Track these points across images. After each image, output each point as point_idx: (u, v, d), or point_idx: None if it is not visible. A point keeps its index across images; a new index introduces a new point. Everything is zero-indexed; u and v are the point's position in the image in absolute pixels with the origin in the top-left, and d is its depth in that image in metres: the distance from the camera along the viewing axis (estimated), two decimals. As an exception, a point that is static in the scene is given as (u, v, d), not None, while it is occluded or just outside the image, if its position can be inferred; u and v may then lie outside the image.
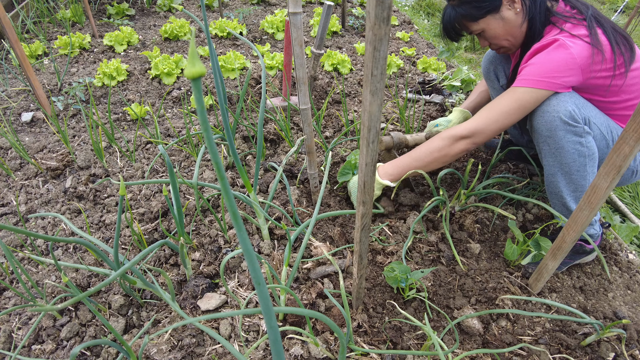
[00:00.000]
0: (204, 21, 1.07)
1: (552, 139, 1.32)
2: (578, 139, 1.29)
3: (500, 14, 1.41)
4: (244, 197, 1.28)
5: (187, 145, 2.01)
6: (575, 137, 1.29)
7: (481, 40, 1.55)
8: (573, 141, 1.29)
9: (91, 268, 1.14)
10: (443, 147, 1.44)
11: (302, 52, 1.21)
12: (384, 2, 0.55)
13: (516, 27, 1.43)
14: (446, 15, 1.50)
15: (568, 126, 1.28)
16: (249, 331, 1.19)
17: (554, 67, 1.28)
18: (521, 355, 1.20)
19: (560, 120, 1.27)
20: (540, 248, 1.40)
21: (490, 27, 1.45)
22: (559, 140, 1.31)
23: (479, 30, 1.48)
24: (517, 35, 1.46)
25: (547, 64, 1.29)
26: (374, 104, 0.66)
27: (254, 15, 3.87)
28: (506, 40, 1.48)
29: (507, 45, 1.50)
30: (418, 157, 1.49)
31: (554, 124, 1.29)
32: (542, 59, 1.30)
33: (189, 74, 0.32)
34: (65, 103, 2.37)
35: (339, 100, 2.55)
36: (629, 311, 1.43)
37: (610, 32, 1.31)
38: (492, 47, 1.55)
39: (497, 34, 1.46)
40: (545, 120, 1.31)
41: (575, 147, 1.30)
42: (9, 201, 1.75)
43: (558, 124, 1.28)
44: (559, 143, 1.31)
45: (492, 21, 1.43)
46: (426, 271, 1.25)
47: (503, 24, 1.43)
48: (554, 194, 1.42)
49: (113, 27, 3.48)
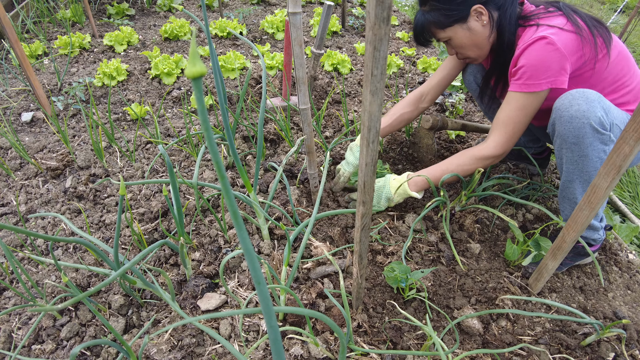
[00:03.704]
0: (204, 21, 1.07)
1: (578, 146, 1.25)
2: (603, 147, 1.24)
3: (468, 24, 1.42)
4: (244, 197, 1.28)
5: (187, 145, 2.01)
6: (601, 145, 1.24)
7: (449, 48, 1.55)
8: (598, 149, 1.24)
9: (91, 268, 1.14)
10: (472, 168, 1.46)
11: (301, 52, 1.21)
12: (384, 2, 0.55)
13: (483, 38, 1.44)
14: (417, 20, 1.50)
15: (597, 134, 1.22)
16: (249, 331, 1.19)
17: (547, 65, 1.27)
18: (521, 355, 1.20)
19: (590, 127, 1.21)
20: (540, 248, 1.40)
21: (457, 36, 1.45)
22: (584, 148, 1.24)
23: (446, 38, 1.48)
24: (483, 46, 1.46)
25: (540, 63, 1.28)
26: (374, 104, 0.66)
27: (254, 15, 3.87)
28: (472, 50, 1.49)
29: (473, 55, 1.51)
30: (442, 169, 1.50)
31: (582, 131, 1.22)
32: (534, 59, 1.29)
33: (189, 73, 0.32)
34: (65, 103, 2.37)
35: (339, 100, 2.55)
36: (629, 311, 1.43)
37: (585, 17, 1.33)
38: (459, 56, 1.55)
39: (463, 44, 1.47)
40: (573, 126, 1.23)
41: (599, 155, 1.25)
42: (9, 201, 1.75)
43: (587, 130, 1.22)
44: (584, 151, 1.25)
45: (459, 30, 1.43)
46: (426, 271, 1.25)
47: (470, 34, 1.43)
48: (567, 199, 1.38)
49: (113, 27, 3.48)
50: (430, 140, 1.99)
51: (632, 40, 4.55)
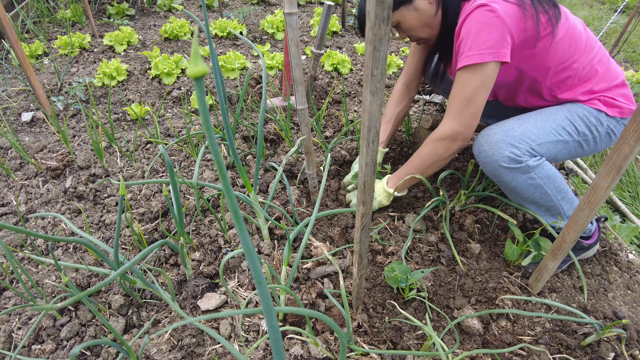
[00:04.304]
0: (205, 21, 1.07)
1: (502, 182, 1.35)
2: (527, 176, 1.30)
3: (414, 4, 1.37)
4: (244, 197, 1.28)
5: (187, 145, 2.01)
6: (523, 175, 1.30)
7: (400, 33, 1.50)
8: (524, 179, 1.31)
9: (91, 268, 1.14)
10: (440, 152, 1.41)
11: (298, 52, 1.22)
12: (384, 2, 0.55)
13: (430, 16, 1.39)
14: (360, 7, 1.46)
15: (512, 170, 1.29)
16: (249, 331, 1.19)
17: (488, 33, 1.23)
18: (521, 355, 1.20)
19: (502, 167, 1.30)
20: (540, 248, 1.40)
21: (405, 19, 1.41)
22: (508, 182, 1.33)
23: (395, 23, 1.44)
24: (433, 25, 1.42)
25: (480, 30, 1.24)
26: (374, 104, 0.66)
27: (254, 15, 3.87)
28: (423, 31, 1.44)
29: (425, 36, 1.46)
30: (414, 166, 1.49)
31: (497, 172, 1.32)
32: (473, 26, 1.25)
33: (191, 73, 0.32)
34: (65, 103, 2.37)
35: (339, 100, 2.55)
36: (629, 311, 1.43)
37: None
38: (412, 39, 1.50)
39: (412, 26, 1.42)
40: (488, 170, 1.34)
41: (527, 182, 1.32)
42: (9, 201, 1.75)
43: (501, 171, 1.31)
44: (510, 184, 1.34)
45: (406, 13, 1.39)
46: (426, 271, 1.25)
47: (417, 15, 1.39)
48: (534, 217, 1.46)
49: (113, 27, 3.48)
50: None
51: (632, 40, 4.56)
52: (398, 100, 1.84)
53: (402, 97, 1.84)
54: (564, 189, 1.37)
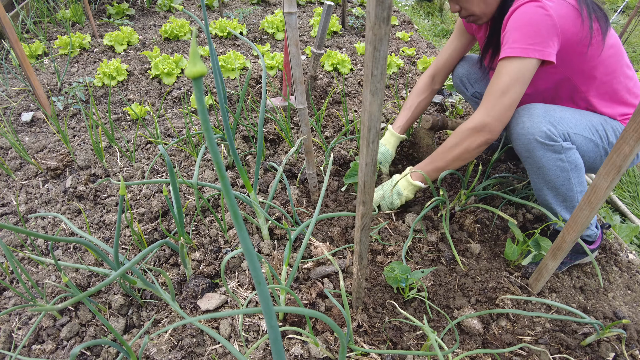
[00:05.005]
0: (204, 21, 1.07)
1: (532, 159, 1.32)
2: (558, 156, 1.29)
3: None
4: (244, 197, 1.28)
5: (187, 145, 2.01)
6: (554, 154, 1.29)
7: (452, 5, 1.47)
8: (553, 159, 1.29)
9: (91, 268, 1.14)
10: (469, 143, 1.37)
11: (297, 52, 1.22)
12: (384, 2, 0.55)
13: None
14: None
15: (545, 146, 1.27)
16: (249, 331, 1.19)
17: (535, 30, 1.22)
18: (521, 355, 1.20)
19: (537, 141, 1.27)
20: (540, 248, 1.40)
21: None
22: (538, 160, 1.31)
23: None
24: (490, 1, 1.39)
25: (527, 25, 1.23)
26: (374, 103, 0.66)
27: (254, 15, 3.87)
28: (477, 5, 1.40)
29: (478, 12, 1.42)
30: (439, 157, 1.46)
31: (530, 146, 1.30)
32: (521, 20, 1.24)
33: (190, 73, 0.32)
34: (65, 103, 2.37)
35: (339, 100, 2.55)
36: (629, 311, 1.43)
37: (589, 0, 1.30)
38: (462, 12, 1.47)
39: None
40: (522, 142, 1.31)
41: (556, 164, 1.30)
42: (9, 201, 1.75)
43: (535, 145, 1.28)
44: (539, 162, 1.31)
45: None
46: (426, 271, 1.25)
47: None
48: (545, 206, 1.43)
49: (113, 27, 3.48)
50: (430, 140, 1.99)
51: (632, 40, 4.55)
52: (421, 90, 1.86)
53: (425, 88, 1.85)
54: (585, 183, 1.37)
